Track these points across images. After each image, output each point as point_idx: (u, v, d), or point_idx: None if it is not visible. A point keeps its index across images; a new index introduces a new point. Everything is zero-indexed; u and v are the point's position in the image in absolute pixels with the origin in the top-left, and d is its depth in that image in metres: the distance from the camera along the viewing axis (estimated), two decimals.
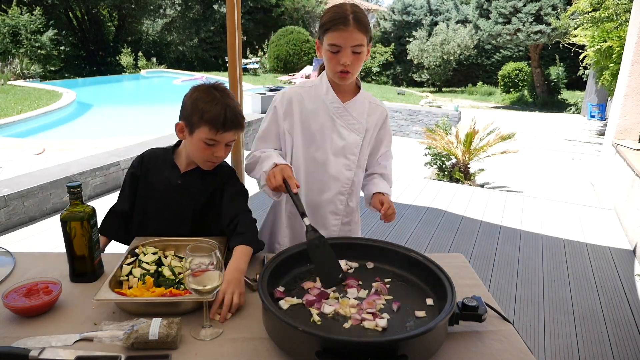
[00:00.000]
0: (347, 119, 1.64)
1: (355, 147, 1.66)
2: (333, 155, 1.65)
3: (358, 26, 1.49)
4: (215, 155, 1.52)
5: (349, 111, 1.64)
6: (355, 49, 1.51)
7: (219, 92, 1.50)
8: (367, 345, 1.02)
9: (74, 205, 1.35)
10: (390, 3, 22.57)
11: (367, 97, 1.70)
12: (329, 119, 1.63)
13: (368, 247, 1.46)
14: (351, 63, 1.52)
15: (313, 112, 1.64)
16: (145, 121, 10.27)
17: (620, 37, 6.81)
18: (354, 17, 1.49)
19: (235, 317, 1.23)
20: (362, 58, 1.55)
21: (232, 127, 1.48)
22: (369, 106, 1.68)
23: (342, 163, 1.66)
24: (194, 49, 22.11)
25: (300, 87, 1.70)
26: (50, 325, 1.18)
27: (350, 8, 1.52)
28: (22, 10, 16.10)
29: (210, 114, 1.45)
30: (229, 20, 2.36)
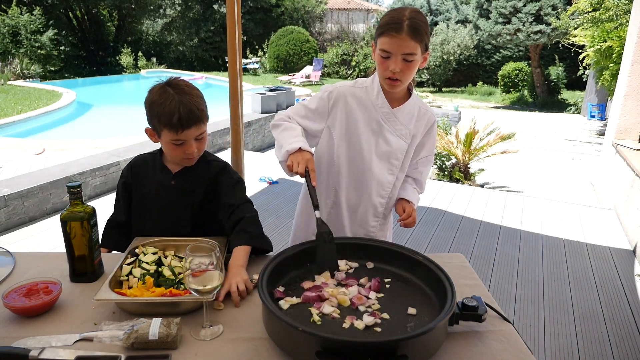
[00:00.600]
0: (394, 125, 1.63)
1: (400, 153, 1.66)
2: (377, 159, 1.66)
3: (411, 34, 1.44)
4: (187, 152, 1.49)
5: (397, 117, 1.63)
6: (407, 57, 1.47)
7: (173, 88, 1.45)
8: (367, 345, 1.02)
9: (74, 205, 1.35)
10: (390, 3, 22.57)
11: (417, 103, 1.68)
12: (377, 122, 1.63)
13: (368, 247, 1.46)
14: (401, 70, 1.49)
15: (360, 114, 1.63)
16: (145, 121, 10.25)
17: (620, 37, 6.81)
18: (409, 23, 1.44)
19: (235, 317, 1.23)
20: (414, 66, 1.51)
21: (189, 124, 1.42)
22: (418, 112, 1.67)
23: (385, 167, 1.67)
24: (194, 49, 22.11)
25: (351, 87, 1.67)
26: (50, 325, 1.18)
27: (409, 14, 1.47)
28: (22, 10, 16.09)
29: (166, 116, 1.41)
30: (229, 20, 2.37)
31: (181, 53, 22.66)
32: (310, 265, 1.40)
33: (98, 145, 6.67)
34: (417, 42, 1.46)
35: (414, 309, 1.21)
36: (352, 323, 1.15)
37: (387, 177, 1.68)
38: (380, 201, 1.73)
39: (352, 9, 23.63)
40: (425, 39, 1.49)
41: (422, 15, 1.50)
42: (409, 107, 1.64)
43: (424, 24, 1.49)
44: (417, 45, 1.47)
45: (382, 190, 1.71)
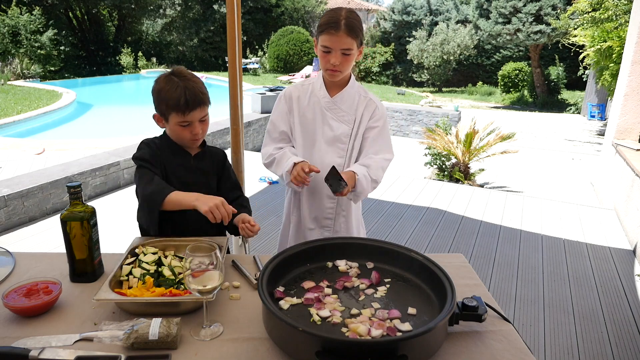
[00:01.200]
0: (336, 112, 1.80)
1: (345, 137, 1.82)
2: (326, 145, 1.82)
3: (348, 31, 1.64)
4: (193, 133, 1.62)
5: (338, 104, 1.80)
6: (345, 51, 1.68)
7: (177, 76, 1.60)
8: (367, 345, 1.02)
9: (74, 205, 1.35)
10: (390, 3, 22.57)
11: (358, 91, 1.84)
12: (321, 112, 1.81)
13: (368, 247, 1.46)
14: (340, 63, 1.69)
15: (308, 107, 1.83)
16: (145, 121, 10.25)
17: (620, 37, 6.81)
18: (345, 22, 1.64)
19: (235, 317, 1.23)
20: (351, 59, 1.71)
21: (195, 105, 1.57)
22: (359, 99, 1.83)
23: (334, 151, 1.83)
24: (194, 49, 22.11)
25: (300, 85, 1.89)
26: (50, 325, 1.18)
27: (345, 13, 1.67)
28: (21, 10, 16.09)
29: (173, 100, 1.56)
30: (229, 20, 2.37)
31: (181, 53, 22.66)
32: (310, 265, 1.40)
33: (98, 145, 6.67)
34: (352, 39, 1.67)
35: (414, 309, 1.21)
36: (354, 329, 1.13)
37: (337, 160, 1.82)
38: None
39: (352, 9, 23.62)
40: (360, 35, 1.69)
41: (356, 14, 1.71)
42: (347, 94, 1.81)
43: (358, 22, 1.69)
44: (353, 42, 1.67)
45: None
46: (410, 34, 19.88)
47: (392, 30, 21.44)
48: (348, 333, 1.11)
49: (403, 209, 4.81)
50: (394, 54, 20.69)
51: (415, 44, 18.91)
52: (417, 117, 10.08)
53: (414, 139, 9.46)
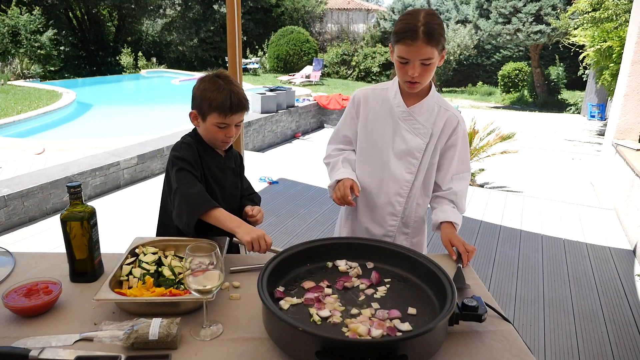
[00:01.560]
0: (411, 123, 1.65)
1: (418, 152, 1.67)
2: (395, 158, 1.68)
3: (427, 40, 1.46)
4: (227, 135, 1.66)
5: (414, 115, 1.65)
6: (424, 61, 1.51)
7: (223, 79, 1.63)
8: (367, 345, 1.02)
9: (74, 205, 1.35)
10: (390, 3, 22.56)
11: (437, 102, 1.68)
12: (394, 122, 1.67)
13: (368, 247, 1.46)
14: (419, 74, 1.53)
15: (379, 114, 1.69)
16: (145, 121, 10.27)
17: (620, 37, 6.80)
18: (424, 29, 1.46)
19: (235, 317, 1.23)
20: (432, 68, 1.54)
21: (238, 109, 1.62)
22: (438, 111, 1.67)
23: (403, 166, 1.69)
24: (194, 49, 22.10)
25: (372, 90, 1.75)
26: (50, 325, 1.18)
27: (423, 19, 1.48)
28: (21, 10, 16.08)
29: (218, 101, 1.58)
30: (229, 20, 2.37)
31: (181, 53, 22.66)
32: (310, 265, 1.40)
33: (98, 145, 6.66)
34: (433, 47, 1.48)
35: (414, 309, 1.21)
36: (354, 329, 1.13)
37: (405, 175, 1.69)
38: (399, 200, 1.73)
39: (352, 9, 23.63)
40: (441, 41, 1.51)
41: (436, 17, 1.51)
42: (426, 105, 1.66)
43: (439, 26, 1.50)
44: (433, 50, 1.49)
45: (400, 189, 1.71)
46: None
47: (392, 30, 21.43)
48: (348, 333, 1.11)
49: None
50: None
51: None
52: None
53: None
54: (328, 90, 14.72)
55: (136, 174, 5.41)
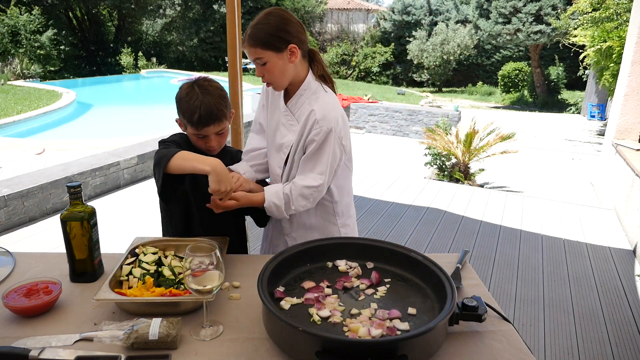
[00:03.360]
0: (287, 118, 1.67)
1: (286, 147, 1.66)
2: (274, 150, 1.72)
3: (251, 42, 1.51)
4: (207, 145, 1.62)
5: (291, 110, 1.66)
6: (258, 61, 1.53)
7: (199, 87, 1.57)
8: (367, 345, 1.02)
9: (74, 205, 1.35)
10: (390, 3, 22.57)
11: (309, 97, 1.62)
12: (278, 115, 1.70)
13: (368, 247, 1.46)
14: (264, 75, 1.55)
15: (272, 107, 1.74)
16: (145, 121, 10.27)
17: (620, 37, 6.80)
18: (249, 32, 1.51)
19: (235, 317, 1.23)
20: (272, 68, 1.53)
21: (208, 122, 1.55)
22: (308, 107, 1.61)
23: (277, 159, 1.70)
24: (194, 49, 22.11)
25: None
26: (50, 325, 1.18)
27: (254, 21, 1.53)
28: (21, 10, 16.08)
29: (189, 113, 1.55)
30: (229, 20, 2.37)
31: (181, 53, 22.66)
32: (310, 265, 1.40)
33: (98, 145, 6.67)
34: (258, 48, 1.50)
35: (414, 309, 1.21)
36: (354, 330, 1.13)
37: (276, 169, 1.71)
38: None
39: (352, 9, 23.64)
40: (271, 40, 1.50)
41: (268, 17, 1.53)
42: (299, 102, 1.63)
43: (267, 26, 1.51)
44: (259, 51, 1.51)
45: (274, 181, 1.74)
46: (410, 34, 19.89)
47: (392, 30, 21.44)
48: (348, 333, 1.11)
49: (403, 209, 4.81)
50: (394, 54, 20.70)
51: (415, 44, 18.92)
52: (417, 117, 10.09)
53: (414, 139, 9.46)
54: None
55: (136, 174, 5.41)
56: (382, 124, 10.44)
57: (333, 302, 1.23)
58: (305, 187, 1.58)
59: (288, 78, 1.59)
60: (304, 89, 1.63)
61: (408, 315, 1.20)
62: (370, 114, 10.52)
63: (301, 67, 1.60)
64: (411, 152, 8.21)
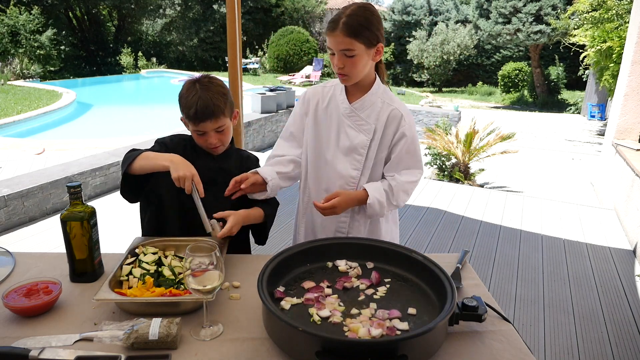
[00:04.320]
0: (354, 120, 1.65)
1: (362, 148, 1.65)
2: (341, 154, 1.68)
3: (346, 31, 1.48)
4: (208, 142, 1.60)
5: (357, 111, 1.64)
6: (346, 52, 1.51)
7: (200, 84, 1.57)
8: (367, 345, 1.02)
9: (74, 205, 1.35)
10: (390, 3, 22.56)
11: (382, 97, 1.66)
12: (338, 119, 1.67)
13: (368, 247, 1.46)
14: (344, 66, 1.53)
15: (327, 112, 1.70)
16: (145, 121, 10.27)
17: (621, 37, 6.81)
18: (345, 21, 1.49)
19: (235, 317, 1.23)
20: (358, 61, 1.53)
21: (203, 117, 1.53)
22: (382, 106, 1.64)
23: (349, 162, 1.67)
24: (194, 49, 22.11)
25: (321, 87, 1.77)
26: (50, 325, 1.18)
27: (348, 10, 1.51)
28: (20, 10, 16.08)
29: (187, 108, 1.55)
30: (229, 20, 2.37)
31: (181, 53, 22.66)
32: (310, 265, 1.40)
33: (98, 145, 6.67)
34: (352, 39, 1.49)
35: (414, 309, 1.21)
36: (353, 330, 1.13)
37: (351, 172, 1.67)
38: None
39: None
40: (365, 34, 1.50)
41: (365, 11, 1.53)
42: (368, 101, 1.64)
43: (363, 19, 1.51)
44: (353, 42, 1.49)
45: (346, 185, 1.69)
46: (410, 34, 19.88)
47: (392, 30, 21.43)
48: (348, 333, 1.11)
49: (403, 209, 4.81)
50: (394, 54, 20.69)
51: (415, 44, 18.91)
52: (417, 117, 10.09)
53: None
54: None
55: None
56: None
57: (333, 302, 1.23)
58: (407, 183, 1.64)
59: (364, 74, 1.60)
60: (375, 89, 1.65)
61: (408, 315, 1.20)
62: None
63: (372, 68, 1.63)
64: None
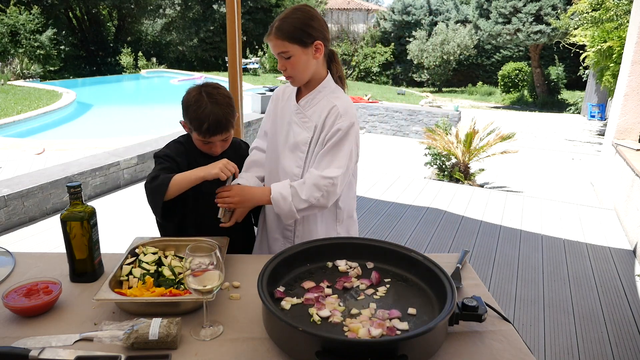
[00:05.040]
0: (300, 117, 1.66)
1: (304, 145, 1.65)
2: (288, 151, 1.69)
3: (278, 34, 1.51)
4: (212, 150, 1.68)
5: (303, 109, 1.66)
6: (283, 55, 1.54)
7: (208, 96, 1.59)
8: (367, 345, 1.02)
9: (74, 205, 1.35)
10: (390, 3, 22.56)
11: (327, 95, 1.64)
12: (289, 116, 1.70)
13: (368, 247, 1.46)
14: (286, 68, 1.56)
15: (284, 110, 1.73)
16: (145, 121, 10.27)
17: (620, 37, 6.81)
18: (277, 25, 1.52)
19: (235, 317, 1.23)
20: (296, 62, 1.54)
21: (216, 132, 1.61)
22: (326, 104, 1.62)
23: (293, 159, 1.67)
24: (193, 49, 22.11)
25: (285, 86, 1.79)
26: (50, 325, 1.18)
27: (282, 15, 1.54)
28: (20, 10, 16.08)
29: (196, 122, 1.58)
30: (229, 20, 2.37)
31: (181, 53, 22.66)
32: (310, 265, 1.40)
33: (98, 145, 6.67)
34: (285, 41, 1.51)
35: (414, 309, 1.21)
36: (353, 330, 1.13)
37: (294, 169, 1.67)
38: None
39: (352, 9, 23.64)
40: (298, 34, 1.51)
41: (297, 11, 1.55)
42: (315, 99, 1.64)
43: (295, 20, 1.52)
44: (286, 44, 1.51)
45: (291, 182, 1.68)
46: (410, 34, 19.88)
47: (392, 30, 21.44)
48: (348, 333, 1.11)
49: (403, 209, 4.81)
50: (394, 54, 20.70)
51: (415, 44, 18.91)
52: (417, 117, 10.09)
53: (414, 139, 9.47)
54: None
55: (136, 174, 5.41)
56: (382, 124, 10.44)
57: (333, 302, 1.23)
58: (321, 177, 1.53)
59: (309, 74, 1.61)
60: (322, 87, 1.65)
61: (408, 315, 1.20)
62: (370, 114, 10.53)
63: (322, 65, 1.63)
64: (411, 152, 8.21)
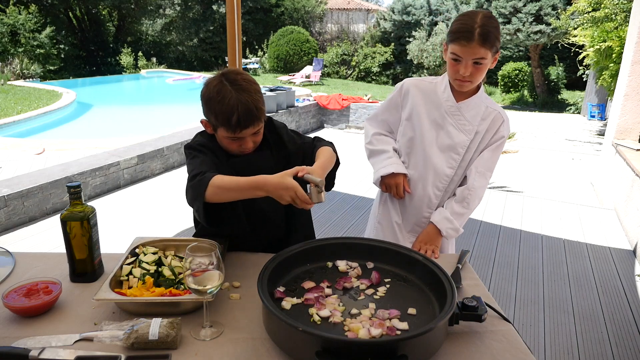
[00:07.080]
0: (457, 119, 1.68)
1: (461, 147, 1.69)
2: (439, 151, 1.71)
3: (482, 42, 1.52)
4: (243, 147, 1.45)
5: (462, 111, 1.68)
6: (477, 61, 1.56)
7: (231, 84, 1.37)
8: (367, 345, 1.02)
9: (74, 205, 1.35)
10: (390, 3, 22.55)
11: (484, 101, 1.71)
12: (441, 116, 1.70)
13: (368, 247, 1.46)
14: (470, 74, 1.58)
15: (426, 107, 1.72)
16: (145, 121, 10.27)
17: (620, 37, 6.80)
18: (480, 32, 1.51)
19: (235, 317, 1.23)
20: (484, 69, 1.59)
21: (247, 124, 1.37)
22: (485, 110, 1.70)
23: (445, 160, 1.71)
24: (193, 49, 22.10)
25: (420, 81, 1.79)
26: (50, 325, 1.18)
27: (480, 21, 1.53)
28: (20, 10, 16.07)
29: (223, 115, 1.36)
30: (229, 20, 2.37)
31: (181, 53, 22.66)
32: (310, 265, 1.40)
33: (98, 145, 6.67)
34: (487, 49, 1.54)
35: (414, 309, 1.21)
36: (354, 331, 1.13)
37: (446, 170, 1.72)
38: (436, 193, 1.77)
39: (352, 9, 23.63)
40: (495, 44, 1.56)
41: (493, 20, 1.57)
42: (474, 103, 1.69)
43: (495, 29, 1.55)
44: (487, 51, 1.55)
45: (439, 182, 1.74)
46: (410, 34, 19.87)
47: (392, 30, 21.42)
48: (348, 333, 1.11)
49: None
50: (394, 54, 20.69)
51: (415, 44, 18.91)
52: None
53: None
54: (328, 90, 14.72)
55: (136, 174, 5.41)
56: None
57: (333, 302, 1.23)
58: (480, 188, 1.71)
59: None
60: (481, 92, 1.70)
61: (408, 315, 1.20)
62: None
63: None
64: None
